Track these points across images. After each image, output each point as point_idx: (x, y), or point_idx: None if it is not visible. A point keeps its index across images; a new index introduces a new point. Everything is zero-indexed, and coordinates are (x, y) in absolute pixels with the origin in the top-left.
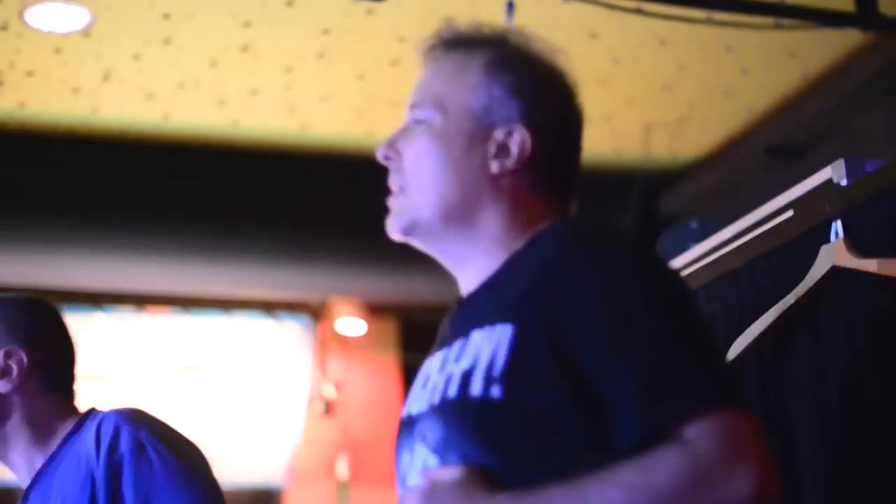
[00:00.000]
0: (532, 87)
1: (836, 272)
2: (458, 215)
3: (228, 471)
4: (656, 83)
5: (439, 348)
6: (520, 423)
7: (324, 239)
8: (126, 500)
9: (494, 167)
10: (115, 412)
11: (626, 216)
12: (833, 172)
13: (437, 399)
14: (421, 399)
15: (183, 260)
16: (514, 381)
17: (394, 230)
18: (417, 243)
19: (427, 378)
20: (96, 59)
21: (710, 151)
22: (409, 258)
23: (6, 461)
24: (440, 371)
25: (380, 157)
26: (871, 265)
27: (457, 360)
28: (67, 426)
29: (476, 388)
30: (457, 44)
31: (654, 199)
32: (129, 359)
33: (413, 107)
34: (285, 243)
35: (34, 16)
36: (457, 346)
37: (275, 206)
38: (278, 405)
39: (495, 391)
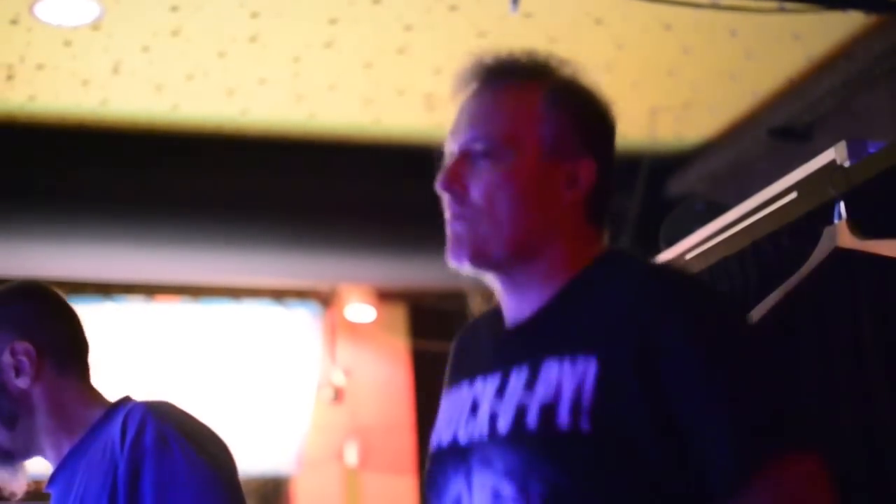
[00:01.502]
0: (591, 118)
1: (838, 253)
2: (529, 249)
3: (237, 458)
4: (661, 68)
5: (484, 373)
6: (608, 456)
7: (332, 226)
8: (145, 494)
9: (561, 200)
10: (144, 404)
11: (633, 200)
12: (836, 154)
13: (505, 428)
14: (474, 426)
15: (192, 249)
16: (603, 415)
17: (459, 258)
18: (475, 271)
19: (475, 405)
20: (105, 52)
21: (716, 135)
22: (417, 244)
23: (41, 453)
24: (499, 398)
25: (441, 188)
26: (874, 246)
27: (528, 388)
28: (96, 414)
29: (563, 421)
30: (508, 73)
31: (661, 182)
32: (139, 348)
33: (471, 137)
34: (294, 231)
35: (43, 9)
36: (519, 374)
37: (283, 195)
38: (287, 392)
39: (584, 424)
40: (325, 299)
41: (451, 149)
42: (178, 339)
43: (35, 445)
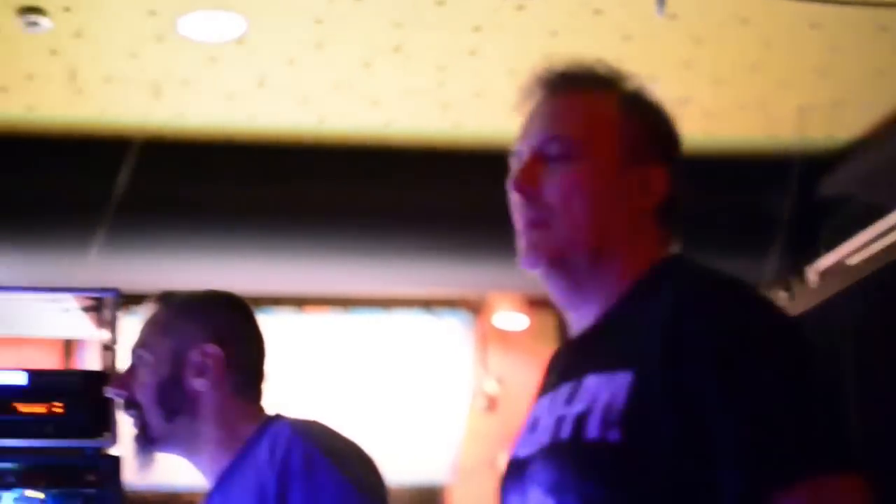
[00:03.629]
0: (663, 126)
1: None
2: (604, 253)
3: (391, 469)
4: (809, 66)
5: (547, 391)
6: (637, 466)
7: (481, 235)
8: None
9: (637, 206)
10: (292, 424)
11: (785, 201)
12: None
13: (547, 441)
14: (530, 442)
15: (341, 260)
16: (633, 425)
17: (535, 263)
18: (549, 278)
19: (536, 421)
20: (250, 66)
21: (868, 133)
22: None
23: (195, 461)
24: (549, 413)
25: (514, 188)
26: None
27: (568, 402)
28: (251, 430)
29: (592, 431)
30: (589, 80)
31: (813, 183)
32: (289, 360)
33: (547, 139)
34: (443, 241)
35: (188, 26)
36: (566, 388)
37: (431, 205)
38: (439, 402)
39: (613, 434)
40: (476, 308)
41: (521, 152)
42: (327, 350)
43: (185, 446)
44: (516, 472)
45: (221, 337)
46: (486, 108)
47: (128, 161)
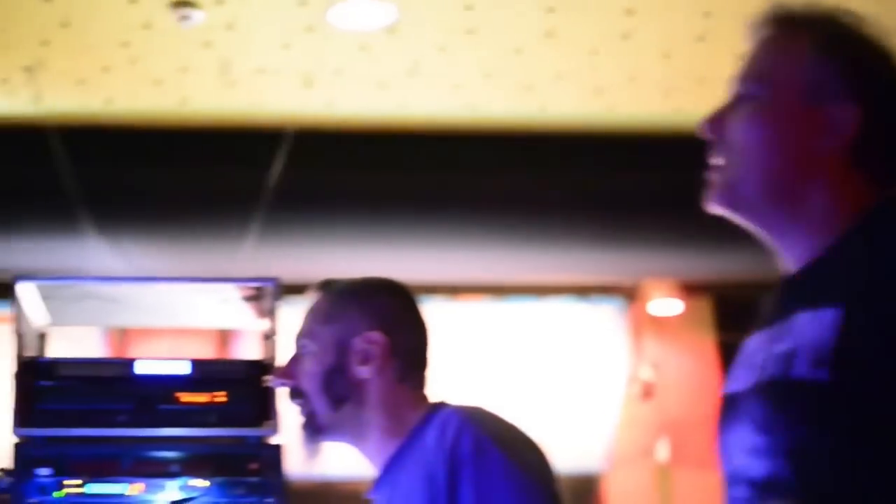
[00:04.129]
0: (862, 66)
1: None
2: (782, 191)
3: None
4: None
5: (761, 328)
6: (848, 406)
7: (635, 220)
8: (462, 501)
9: (820, 143)
10: (461, 411)
11: None
12: None
13: (757, 378)
14: (742, 378)
15: (495, 248)
16: (842, 364)
17: (715, 203)
18: (738, 218)
19: (748, 357)
20: (401, 55)
21: None
22: (723, 236)
23: (361, 449)
24: (762, 350)
25: (703, 131)
26: None
27: (779, 340)
28: (417, 417)
29: (801, 370)
30: (786, 21)
31: None
32: (443, 348)
33: (739, 81)
34: (596, 227)
35: (338, 16)
36: (779, 326)
37: (584, 190)
38: (594, 390)
39: (822, 374)
40: (630, 294)
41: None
42: (481, 338)
43: (352, 434)
44: (730, 407)
45: (384, 323)
46: (639, 91)
47: (280, 151)
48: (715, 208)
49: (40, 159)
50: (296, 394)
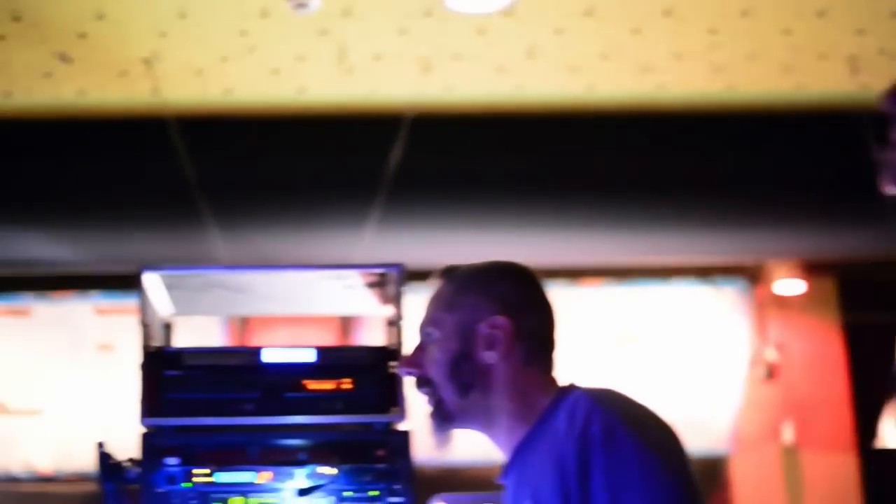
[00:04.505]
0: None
1: None
2: None
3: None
4: None
5: None
6: None
7: (758, 200)
8: (594, 486)
9: None
10: (590, 393)
11: None
12: None
13: None
14: None
15: (615, 230)
16: None
17: None
18: None
19: None
20: (519, 38)
21: None
22: (846, 214)
23: (490, 434)
24: None
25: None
26: None
27: None
28: (546, 401)
29: None
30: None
31: None
32: (566, 332)
33: None
34: (719, 207)
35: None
36: None
37: (706, 171)
38: (718, 372)
39: None
40: (753, 275)
41: None
42: (604, 321)
43: (481, 421)
44: None
45: (509, 308)
46: (759, 69)
47: (399, 137)
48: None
49: (160, 150)
50: (423, 382)
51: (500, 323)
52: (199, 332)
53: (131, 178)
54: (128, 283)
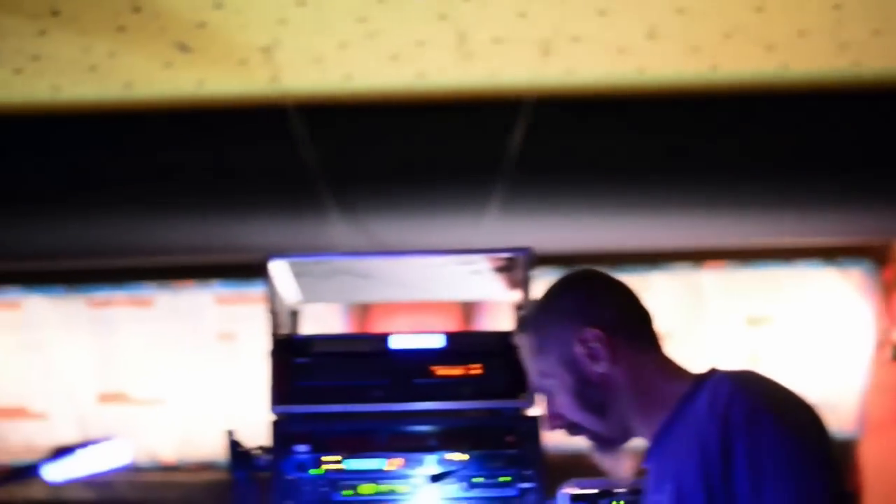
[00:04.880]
0: None
1: None
2: None
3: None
4: None
5: None
6: None
7: (886, 178)
8: (737, 470)
9: None
10: (731, 376)
11: None
12: None
13: None
14: None
15: (739, 211)
16: None
17: None
18: None
19: None
20: (640, 18)
21: None
22: None
23: (634, 432)
24: None
25: None
26: None
27: None
28: (681, 388)
29: None
30: None
31: None
32: (691, 316)
33: None
34: (844, 187)
35: None
36: None
37: (829, 149)
38: (844, 354)
39: None
40: (879, 255)
41: None
42: (728, 304)
43: (628, 427)
44: None
45: (586, 317)
46: (885, 46)
47: (520, 121)
48: None
49: (279, 138)
50: (571, 427)
51: (589, 335)
52: (320, 320)
53: (251, 167)
54: (249, 271)
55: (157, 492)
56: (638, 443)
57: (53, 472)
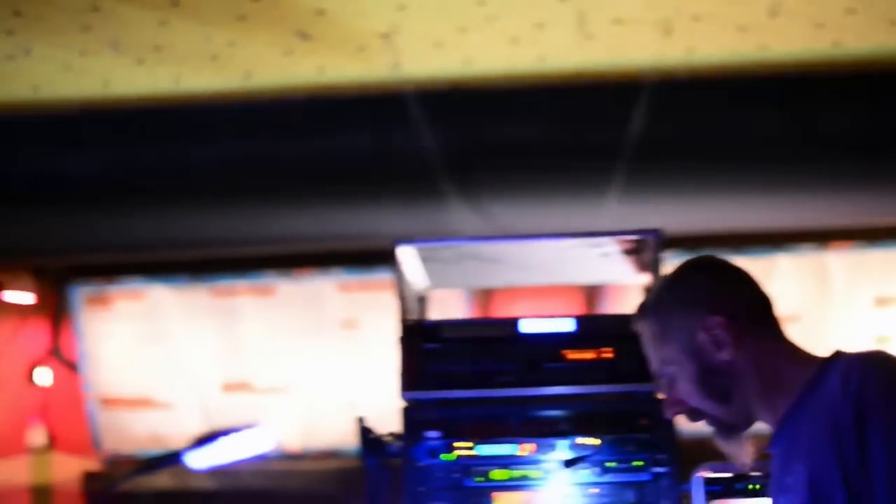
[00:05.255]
0: None
1: None
2: None
3: None
4: None
5: None
6: None
7: None
8: (873, 447)
9: None
10: (862, 357)
11: None
12: None
13: None
14: None
15: (865, 191)
16: None
17: None
18: None
19: None
20: None
21: None
22: None
23: (757, 417)
24: None
25: None
26: None
27: None
28: (805, 372)
29: None
30: None
31: None
32: (817, 298)
33: None
34: None
35: None
36: None
37: None
38: None
39: None
40: None
41: None
42: (855, 286)
43: (751, 412)
44: None
45: (709, 304)
46: None
47: (641, 102)
48: None
49: (400, 124)
50: (692, 413)
51: (713, 322)
52: (443, 305)
53: (371, 154)
54: (371, 259)
55: (282, 480)
56: (759, 427)
57: (197, 460)
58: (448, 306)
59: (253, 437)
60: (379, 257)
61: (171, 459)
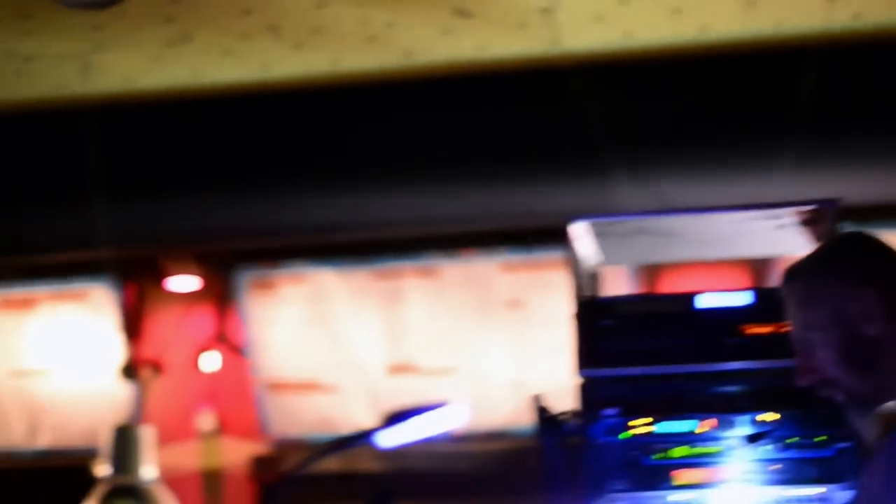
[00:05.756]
0: None
1: None
2: None
3: None
4: None
5: None
6: None
7: None
8: None
9: None
10: None
11: None
12: None
13: None
14: None
15: None
16: None
17: None
18: None
19: None
20: None
21: None
22: None
23: (891, 393)
24: None
25: None
26: None
27: None
28: None
29: None
30: None
31: None
32: None
33: None
34: None
35: None
36: None
37: None
38: None
39: None
40: None
41: None
42: None
43: (888, 388)
44: None
45: (865, 278)
46: None
47: (807, 70)
48: None
49: (561, 100)
50: (825, 384)
51: (867, 294)
52: (609, 282)
53: (535, 131)
54: (536, 237)
55: (448, 462)
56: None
57: (387, 439)
58: (615, 283)
59: (443, 416)
60: (552, 235)
61: (361, 438)
